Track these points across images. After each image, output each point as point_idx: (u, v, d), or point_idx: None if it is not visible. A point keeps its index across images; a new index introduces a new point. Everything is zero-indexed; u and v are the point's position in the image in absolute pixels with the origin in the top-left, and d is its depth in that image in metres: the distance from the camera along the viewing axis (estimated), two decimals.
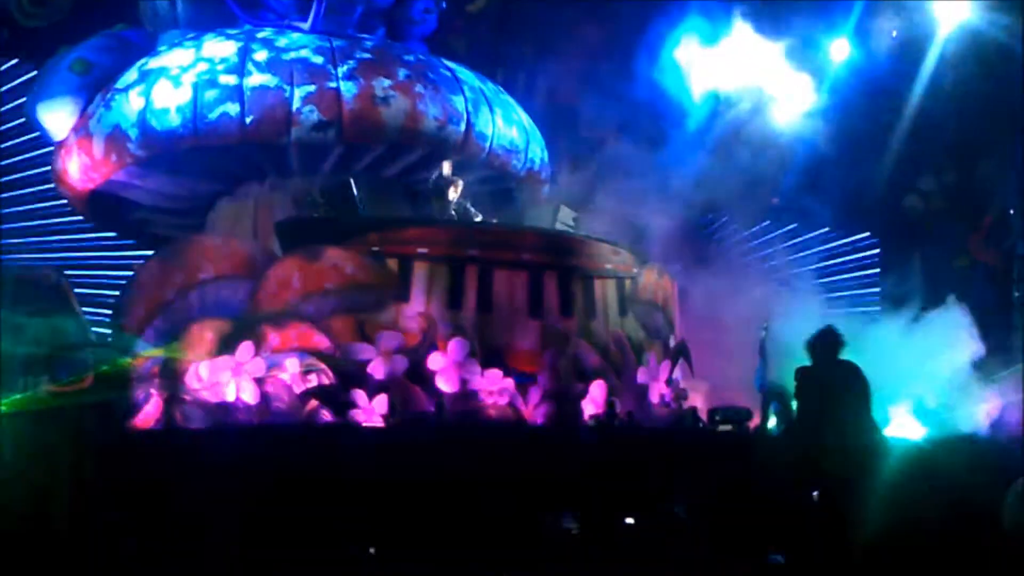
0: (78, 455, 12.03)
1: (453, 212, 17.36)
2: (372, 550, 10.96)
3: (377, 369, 15.35)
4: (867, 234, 23.84)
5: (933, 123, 20.93)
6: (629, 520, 10.63)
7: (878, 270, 23.70)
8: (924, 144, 21.07)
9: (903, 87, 21.24)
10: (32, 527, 9.60)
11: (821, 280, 22.34)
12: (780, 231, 23.43)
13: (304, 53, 17.94)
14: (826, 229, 23.54)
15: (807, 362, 10.82)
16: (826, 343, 10.60)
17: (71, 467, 11.52)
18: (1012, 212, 19.85)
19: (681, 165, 20.04)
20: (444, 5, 21.00)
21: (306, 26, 18.86)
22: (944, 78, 20.36)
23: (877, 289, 23.36)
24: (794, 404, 11.82)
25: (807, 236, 23.40)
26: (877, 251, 23.89)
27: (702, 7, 21.19)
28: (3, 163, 21.24)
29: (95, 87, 18.30)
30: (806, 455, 10.14)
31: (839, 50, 21.12)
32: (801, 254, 23.05)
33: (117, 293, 17.31)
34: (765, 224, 23.61)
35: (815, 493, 10.16)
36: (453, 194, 17.36)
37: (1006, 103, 20.04)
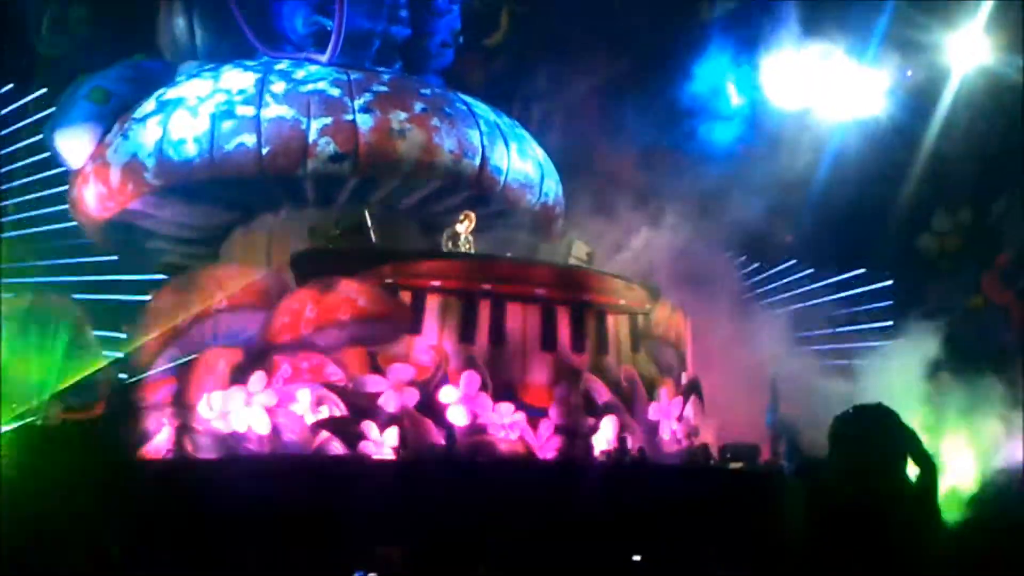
0: (84, 481, 12.04)
1: (464, 246, 17.22)
2: None
3: (388, 401, 15.33)
4: (881, 272, 23.74)
5: (948, 162, 20.93)
6: (636, 558, 10.59)
7: (890, 307, 23.57)
8: (938, 183, 21.06)
9: (918, 126, 21.24)
10: (33, 552, 9.59)
11: (833, 317, 22.25)
12: (794, 271, 23.37)
13: (321, 85, 18.06)
14: (840, 269, 23.47)
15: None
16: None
17: (75, 493, 11.52)
18: None
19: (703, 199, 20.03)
20: (461, 40, 21.11)
21: (324, 58, 18.97)
22: (959, 117, 20.37)
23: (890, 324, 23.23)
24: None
25: (820, 275, 23.31)
26: (891, 288, 23.78)
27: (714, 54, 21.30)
28: (23, 189, 21.28)
29: (113, 116, 18.42)
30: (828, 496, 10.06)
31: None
32: (814, 292, 22.97)
33: (131, 320, 17.36)
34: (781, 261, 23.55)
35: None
36: (464, 228, 17.21)
37: (1020, 141, 20.04)
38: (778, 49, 21.52)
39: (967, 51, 19.41)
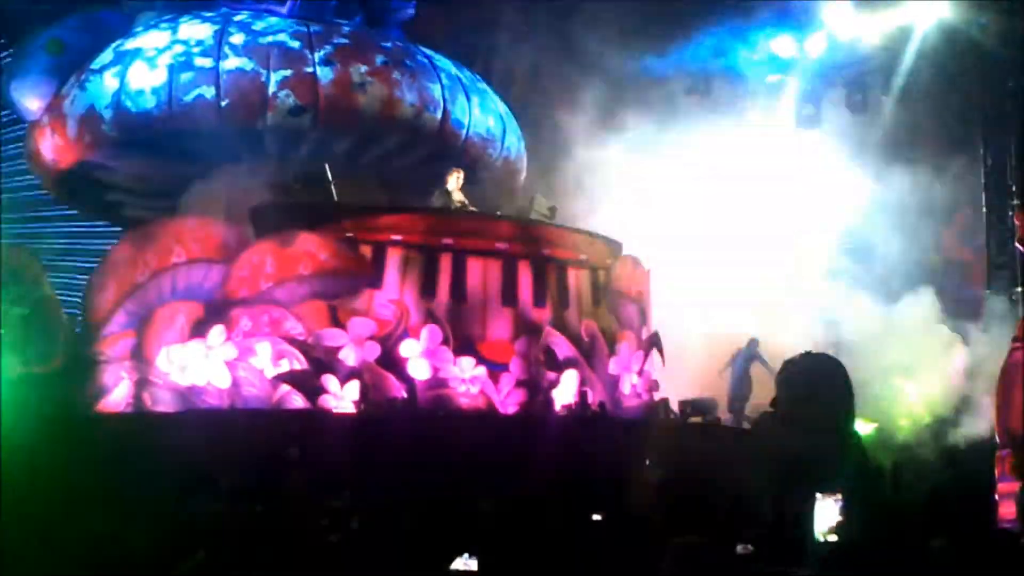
0: (42, 434, 12.01)
1: (456, 202, 17.08)
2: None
3: (349, 355, 15.34)
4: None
5: (907, 118, 20.97)
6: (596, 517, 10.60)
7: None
8: (898, 138, 21.10)
9: (879, 81, 21.27)
10: None
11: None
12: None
13: (281, 37, 17.87)
14: None
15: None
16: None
17: (35, 446, 11.49)
18: (985, 210, 19.92)
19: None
20: None
21: (284, 10, 18.77)
22: (920, 74, 20.39)
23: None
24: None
25: None
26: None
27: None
28: None
29: (70, 68, 18.16)
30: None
31: (816, 44, 21.13)
32: None
33: (89, 274, 17.24)
34: None
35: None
36: (454, 183, 17.08)
37: (979, 101, 20.15)
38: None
39: (928, 8, 19.41)
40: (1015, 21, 18.59)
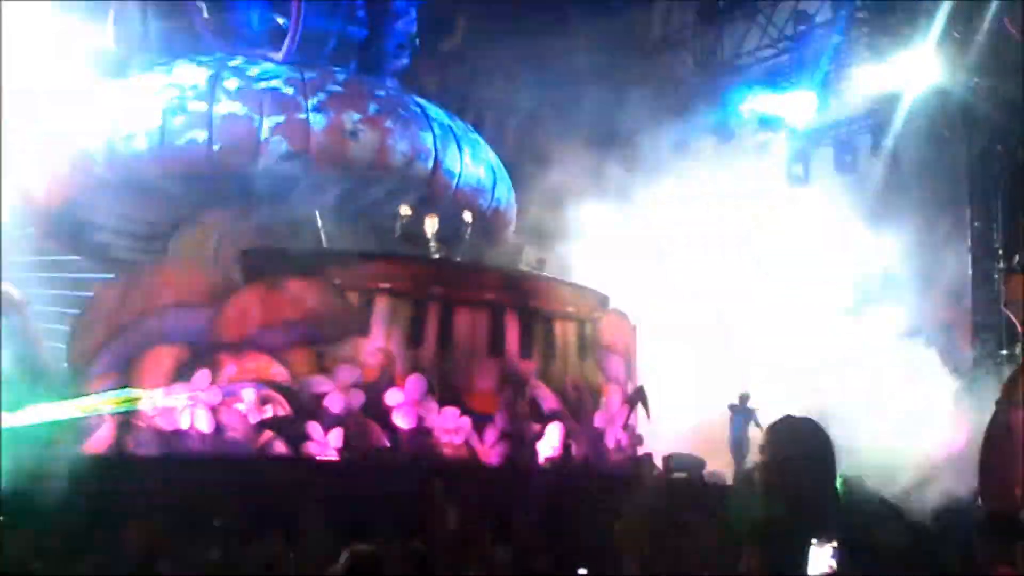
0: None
1: (432, 248, 17.12)
2: None
3: (334, 402, 15.28)
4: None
5: (898, 181, 21.07)
6: (582, 571, 10.55)
7: None
8: (886, 198, 21.18)
9: (867, 142, 21.41)
10: None
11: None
12: None
13: (275, 83, 17.97)
14: None
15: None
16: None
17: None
18: (971, 272, 19.97)
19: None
20: (418, 42, 21.05)
21: (279, 56, 18.86)
22: (908, 136, 20.51)
23: None
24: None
25: None
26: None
27: None
28: None
29: None
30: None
31: (806, 104, 21.27)
32: None
33: (75, 314, 17.17)
34: None
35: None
36: (430, 229, 17.11)
37: (967, 161, 20.25)
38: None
39: (917, 71, 19.56)
40: (1003, 83, 18.73)
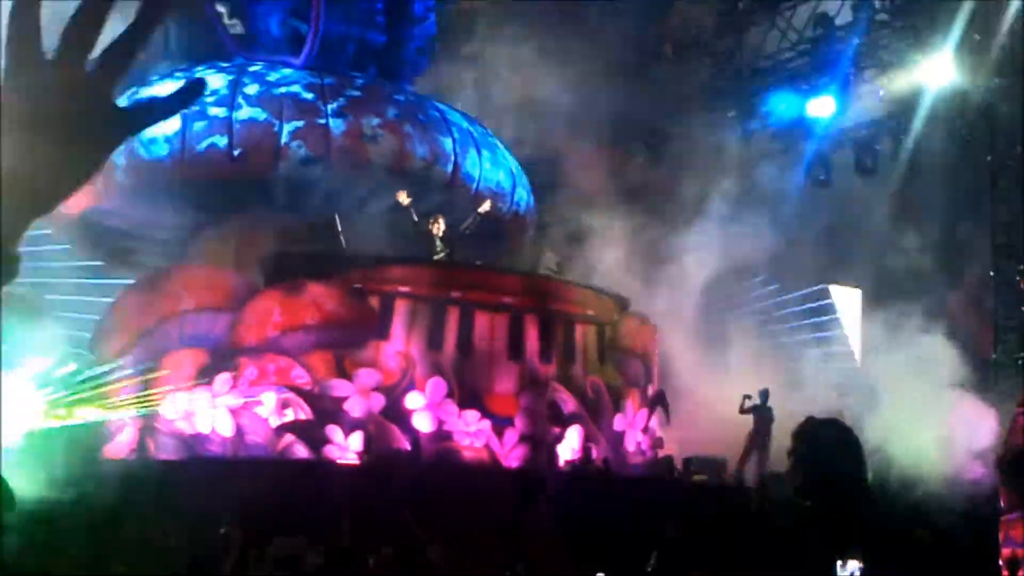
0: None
1: (438, 248, 17.10)
2: None
3: (354, 406, 15.31)
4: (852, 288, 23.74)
5: (919, 183, 21.04)
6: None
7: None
8: (910, 202, 21.15)
9: (889, 146, 21.39)
10: None
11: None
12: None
13: (295, 88, 18.03)
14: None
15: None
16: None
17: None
18: (992, 274, 19.88)
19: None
20: (437, 47, 21.09)
21: (298, 61, 18.92)
22: (930, 138, 20.48)
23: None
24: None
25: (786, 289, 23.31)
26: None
27: None
28: None
29: None
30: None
31: (823, 107, 21.26)
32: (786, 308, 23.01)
33: (97, 319, 17.24)
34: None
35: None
36: (437, 230, 17.12)
37: (987, 162, 20.18)
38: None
39: (937, 73, 19.52)
40: None
